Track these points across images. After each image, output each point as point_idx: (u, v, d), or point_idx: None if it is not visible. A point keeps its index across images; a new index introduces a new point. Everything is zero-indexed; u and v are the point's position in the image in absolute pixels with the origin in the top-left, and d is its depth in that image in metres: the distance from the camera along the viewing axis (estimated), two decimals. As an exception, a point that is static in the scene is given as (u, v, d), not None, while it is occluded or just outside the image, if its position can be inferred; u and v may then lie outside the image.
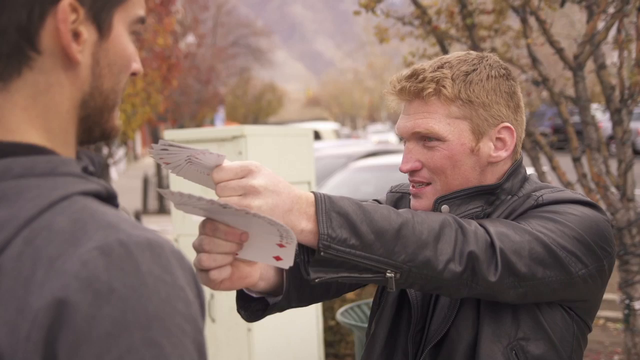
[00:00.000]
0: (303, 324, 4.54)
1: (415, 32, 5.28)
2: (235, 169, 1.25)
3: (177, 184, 4.24)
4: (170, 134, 4.56)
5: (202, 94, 24.94)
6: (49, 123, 0.90)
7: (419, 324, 1.61)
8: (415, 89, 1.56)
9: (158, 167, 19.93)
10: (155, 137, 24.57)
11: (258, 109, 45.51)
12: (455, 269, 1.39)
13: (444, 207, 1.56)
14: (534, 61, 4.59)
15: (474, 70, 1.57)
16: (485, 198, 1.58)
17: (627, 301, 4.51)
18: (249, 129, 4.18)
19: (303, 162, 4.53)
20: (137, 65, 0.99)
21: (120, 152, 20.16)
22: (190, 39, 22.71)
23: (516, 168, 1.62)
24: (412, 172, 1.59)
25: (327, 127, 29.73)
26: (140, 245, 0.80)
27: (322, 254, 1.30)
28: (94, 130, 0.96)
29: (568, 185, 4.59)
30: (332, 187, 8.93)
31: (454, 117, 1.56)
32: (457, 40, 5.08)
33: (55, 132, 0.91)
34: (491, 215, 1.58)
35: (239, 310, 1.53)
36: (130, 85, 11.31)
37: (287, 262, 1.24)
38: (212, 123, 31.61)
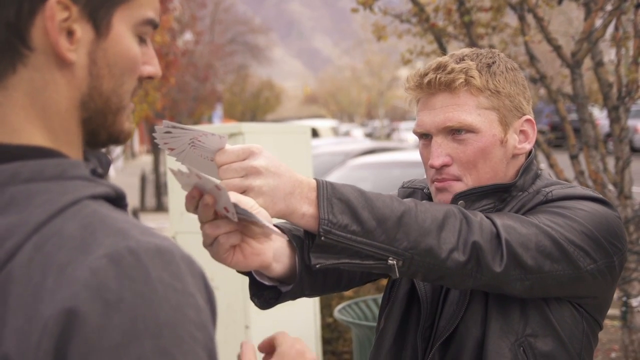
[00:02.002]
0: (301, 321, 4.55)
1: (413, 29, 5.28)
2: (237, 151, 1.27)
3: (176, 184, 4.23)
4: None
5: (200, 91, 24.90)
6: (49, 122, 0.90)
7: (428, 320, 1.61)
8: (446, 79, 1.54)
9: (156, 164, 19.91)
10: (152, 135, 24.45)
11: (256, 107, 45.51)
12: (458, 258, 1.39)
13: (460, 203, 1.56)
14: (532, 59, 4.59)
15: (493, 62, 1.59)
16: (499, 195, 1.59)
17: (624, 298, 4.51)
18: (246, 127, 4.19)
19: (301, 159, 4.53)
20: (151, 69, 0.97)
21: (117, 150, 20.14)
22: (188, 36, 22.68)
23: (529, 164, 1.62)
24: (440, 169, 1.58)
25: (325, 124, 29.73)
26: (149, 252, 0.79)
27: (322, 239, 1.31)
28: (100, 133, 0.95)
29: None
30: (330, 185, 8.91)
31: (483, 108, 1.56)
32: (455, 37, 5.08)
33: (57, 132, 0.90)
34: (501, 210, 1.58)
35: (252, 298, 1.52)
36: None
37: None
38: (209, 120, 31.58)
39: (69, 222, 0.81)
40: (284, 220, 1.41)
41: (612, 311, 6.34)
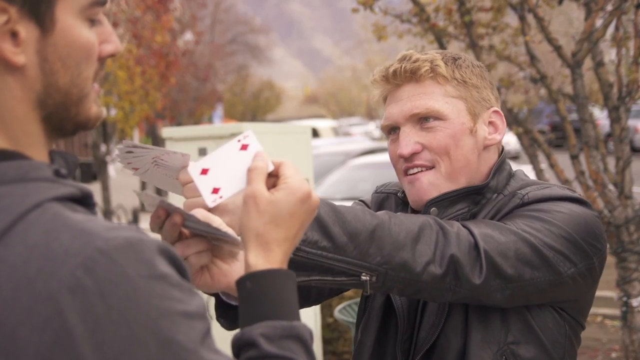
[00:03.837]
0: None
1: (414, 29, 5.27)
2: None
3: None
4: (168, 132, 4.55)
5: (200, 91, 24.92)
6: (8, 128, 0.87)
7: (406, 331, 1.56)
8: (412, 67, 1.53)
9: (156, 164, 19.86)
10: (153, 135, 24.59)
11: (256, 107, 45.53)
12: (435, 271, 1.36)
13: (433, 210, 1.52)
14: (532, 59, 4.59)
15: (459, 57, 1.58)
16: (472, 198, 1.55)
17: (624, 298, 4.50)
18: (247, 127, 4.19)
19: (301, 159, 4.53)
20: (111, 47, 0.94)
21: (118, 150, 20.08)
22: (188, 36, 22.68)
23: (501, 164, 1.59)
24: (411, 157, 1.54)
25: (325, 124, 29.73)
26: (120, 248, 0.78)
27: (292, 256, 1.25)
28: (65, 125, 0.92)
29: (566, 182, 4.59)
30: (330, 185, 8.92)
31: (450, 96, 1.54)
32: (455, 37, 5.08)
33: (17, 136, 0.87)
34: (477, 215, 1.54)
35: (218, 319, 1.47)
36: (128, 82, 11.31)
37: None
38: (210, 120, 31.58)
39: (31, 229, 0.79)
40: None
41: (613, 311, 6.35)
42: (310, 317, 4.61)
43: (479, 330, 1.47)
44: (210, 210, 1.20)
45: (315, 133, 23.12)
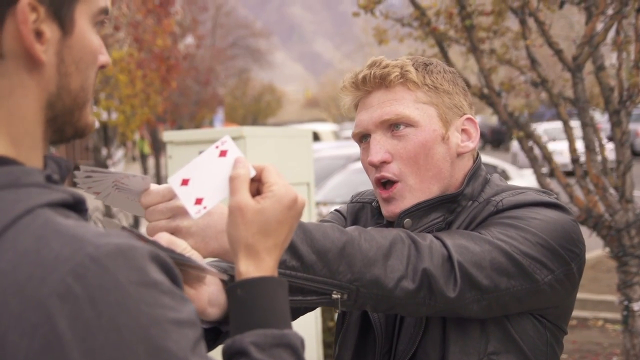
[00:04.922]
0: (302, 325, 4.53)
1: (414, 33, 5.27)
2: (162, 191, 1.21)
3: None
4: (169, 135, 4.56)
5: (201, 95, 24.95)
6: (13, 128, 0.87)
7: (385, 345, 1.53)
8: (381, 73, 1.50)
9: (157, 168, 19.88)
10: (154, 138, 24.62)
11: (257, 110, 45.58)
12: (408, 287, 1.34)
13: (407, 221, 1.50)
14: (533, 62, 4.59)
15: (430, 63, 1.56)
16: (447, 207, 1.52)
17: (625, 302, 4.50)
18: (248, 130, 4.19)
19: (302, 163, 4.53)
20: (104, 58, 0.95)
21: (119, 153, 20.16)
22: (189, 40, 22.71)
23: (476, 170, 1.56)
24: (380, 166, 1.51)
25: (325, 128, 29.74)
26: (110, 254, 0.77)
27: None
28: (66, 130, 0.93)
29: (567, 186, 4.59)
30: (331, 188, 8.94)
31: (421, 102, 1.51)
32: (456, 41, 5.08)
33: (19, 137, 0.87)
34: (453, 224, 1.51)
35: None
36: (129, 86, 11.34)
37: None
38: (211, 124, 31.62)
39: (22, 235, 0.79)
40: (215, 259, 1.33)
41: (614, 315, 6.34)
42: (311, 320, 4.61)
43: (458, 342, 1.45)
44: (170, 217, 1.19)
45: (316, 137, 23.11)
